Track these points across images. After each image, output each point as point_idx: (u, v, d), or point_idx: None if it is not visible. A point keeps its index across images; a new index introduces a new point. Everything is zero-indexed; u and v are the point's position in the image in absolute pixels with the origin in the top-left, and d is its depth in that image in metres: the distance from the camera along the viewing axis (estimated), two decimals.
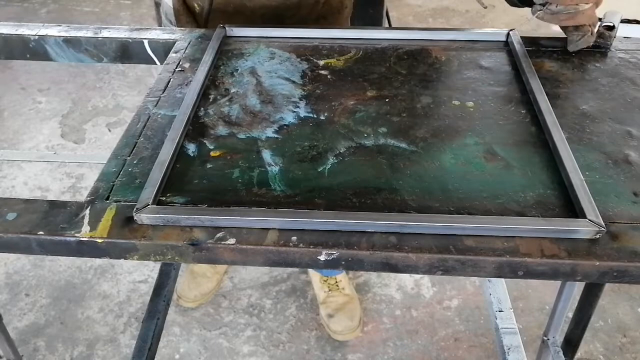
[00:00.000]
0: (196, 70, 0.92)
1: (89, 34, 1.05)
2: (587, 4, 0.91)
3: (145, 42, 1.04)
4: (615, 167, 0.74)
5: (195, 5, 1.17)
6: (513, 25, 1.03)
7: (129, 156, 0.76)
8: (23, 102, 2.78)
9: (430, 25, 3.44)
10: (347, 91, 0.90)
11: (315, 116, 0.84)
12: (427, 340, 1.71)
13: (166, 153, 0.73)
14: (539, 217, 0.66)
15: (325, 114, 0.84)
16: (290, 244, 0.63)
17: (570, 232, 0.63)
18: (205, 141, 0.79)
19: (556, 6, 0.92)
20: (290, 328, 1.75)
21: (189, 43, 1.03)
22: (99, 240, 0.64)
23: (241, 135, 0.80)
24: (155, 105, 0.86)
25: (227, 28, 1.04)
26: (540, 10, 0.94)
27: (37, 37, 1.05)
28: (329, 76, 0.94)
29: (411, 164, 0.74)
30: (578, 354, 1.45)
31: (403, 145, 0.78)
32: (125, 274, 1.91)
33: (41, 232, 0.65)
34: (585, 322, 1.32)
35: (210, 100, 0.88)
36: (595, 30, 0.97)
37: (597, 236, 0.63)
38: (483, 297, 1.70)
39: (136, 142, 0.78)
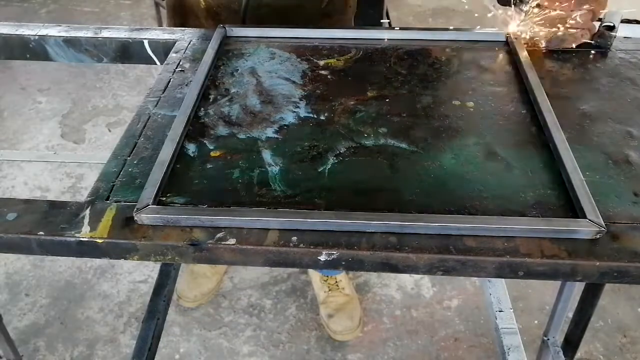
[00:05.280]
0: (196, 70, 0.92)
1: (89, 34, 1.05)
2: (581, 10, 0.92)
3: (145, 42, 1.04)
4: (615, 167, 0.74)
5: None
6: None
7: (129, 156, 0.76)
8: (23, 102, 2.79)
9: (430, 25, 3.44)
10: (347, 91, 0.90)
11: (315, 116, 0.84)
12: (427, 340, 1.71)
13: (166, 153, 0.73)
14: (539, 217, 0.66)
15: (326, 114, 0.84)
16: (291, 244, 0.63)
17: (571, 232, 0.63)
18: (205, 141, 0.79)
19: (550, 11, 0.93)
20: (290, 328, 1.75)
21: (189, 43, 1.03)
22: (99, 241, 0.64)
23: (241, 136, 0.80)
24: (156, 106, 0.86)
25: (227, 28, 1.04)
26: (535, 14, 0.95)
27: (37, 37, 1.05)
28: (329, 76, 0.94)
29: (411, 164, 0.74)
30: (578, 354, 1.45)
31: (403, 145, 0.78)
32: (125, 274, 1.91)
33: (41, 233, 0.65)
34: (585, 322, 1.32)
35: (211, 100, 0.88)
36: (591, 34, 0.98)
37: (597, 236, 0.62)
38: (483, 297, 1.70)
39: (136, 142, 0.78)
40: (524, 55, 0.95)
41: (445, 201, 0.68)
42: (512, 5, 0.98)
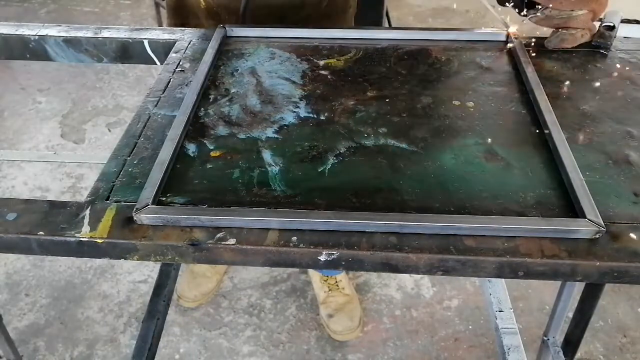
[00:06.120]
0: (196, 70, 0.92)
1: (89, 34, 1.05)
2: (581, 10, 0.92)
3: (146, 42, 1.04)
4: (615, 167, 0.74)
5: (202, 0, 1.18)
6: (513, 24, 1.03)
7: (129, 156, 0.76)
8: (23, 102, 2.79)
9: (430, 25, 3.44)
10: (347, 91, 0.90)
11: (315, 116, 0.84)
12: (427, 340, 1.71)
13: (166, 153, 0.73)
14: (539, 217, 0.66)
15: (326, 114, 0.84)
16: (291, 244, 0.63)
17: (570, 232, 0.63)
18: (205, 141, 0.79)
19: (550, 11, 0.93)
20: (290, 328, 1.75)
21: (189, 43, 1.03)
22: (99, 241, 0.64)
23: (241, 136, 0.80)
24: (156, 106, 0.86)
25: (227, 28, 1.04)
26: (535, 14, 0.95)
27: (37, 37, 1.05)
28: (329, 76, 0.94)
29: (411, 164, 0.74)
30: (578, 354, 1.45)
31: (403, 145, 0.78)
32: (125, 274, 1.91)
33: (41, 233, 0.65)
34: (585, 322, 1.32)
35: (211, 100, 0.88)
36: (591, 34, 0.98)
37: (597, 236, 0.62)
38: (483, 297, 1.70)
39: (136, 142, 0.78)
40: (523, 55, 0.95)
41: (445, 201, 0.68)
42: (524, 10, 0.97)
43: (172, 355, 1.67)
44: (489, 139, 0.79)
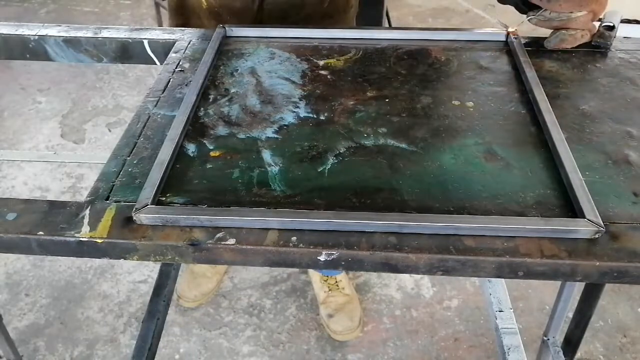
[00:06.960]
0: (196, 70, 0.92)
1: (89, 34, 1.05)
2: (580, 12, 0.92)
3: (145, 42, 1.04)
4: (615, 167, 0.74)
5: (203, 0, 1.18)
6: (513, 25, 1.03)
7: (128, 156, 0.76)
8: (23, 102, 2.79)
9: (430, 25, 3.45)
10: (347, 91, 0.90)
11: (315, 116, 0.84)
12: (427, 340, 1.71)
13: (166, 153, 0.73)
14: (538, 217, 0.66)
15: (325, 114, 0.84)
16: (290, 244, 0.63)
17: (570, 232, 0.63)
18: (205, 141, 0.79)
19: (549, 13, 0.93)
20: (290, 328, 1.75)
21: (189, 43, 1.03)
22: (99, 241, 0.64)
23: (241, 136, 0.80)
24: (155, 106, 0.86)
25: (226, 28, 1.04)
26: (534, 16, 0.95)
27: (37, 37, 1.05)
28: (328, 76, 0.94)
29: (411, 164, 0.74)
30: (578, 354, 1.46)
31: (403, 145, 0.78)
32: (125, 274, 1.91)
33: (41, 233, 0.65)
34: (585, 322, 1.32)
35: (210, 100, 0.88)
36: (591, 35, 0.98)
37: (596, 236, 0.62)
38: (483, 297, 1.70)
39: (136, 142, 0.78)
40: (523, 55, 0.95)
41: (445, 201, 0.68)
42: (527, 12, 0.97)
43: (172, 355, 1.67)
44: (489, 139, 0.79)
